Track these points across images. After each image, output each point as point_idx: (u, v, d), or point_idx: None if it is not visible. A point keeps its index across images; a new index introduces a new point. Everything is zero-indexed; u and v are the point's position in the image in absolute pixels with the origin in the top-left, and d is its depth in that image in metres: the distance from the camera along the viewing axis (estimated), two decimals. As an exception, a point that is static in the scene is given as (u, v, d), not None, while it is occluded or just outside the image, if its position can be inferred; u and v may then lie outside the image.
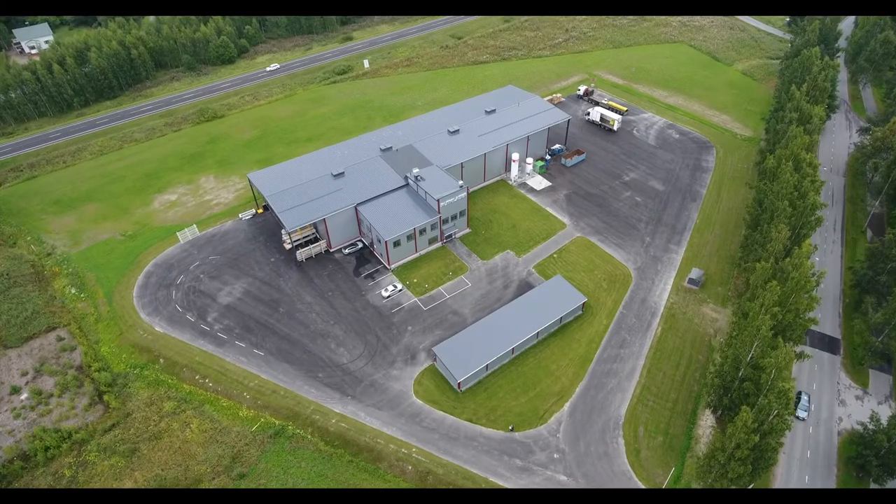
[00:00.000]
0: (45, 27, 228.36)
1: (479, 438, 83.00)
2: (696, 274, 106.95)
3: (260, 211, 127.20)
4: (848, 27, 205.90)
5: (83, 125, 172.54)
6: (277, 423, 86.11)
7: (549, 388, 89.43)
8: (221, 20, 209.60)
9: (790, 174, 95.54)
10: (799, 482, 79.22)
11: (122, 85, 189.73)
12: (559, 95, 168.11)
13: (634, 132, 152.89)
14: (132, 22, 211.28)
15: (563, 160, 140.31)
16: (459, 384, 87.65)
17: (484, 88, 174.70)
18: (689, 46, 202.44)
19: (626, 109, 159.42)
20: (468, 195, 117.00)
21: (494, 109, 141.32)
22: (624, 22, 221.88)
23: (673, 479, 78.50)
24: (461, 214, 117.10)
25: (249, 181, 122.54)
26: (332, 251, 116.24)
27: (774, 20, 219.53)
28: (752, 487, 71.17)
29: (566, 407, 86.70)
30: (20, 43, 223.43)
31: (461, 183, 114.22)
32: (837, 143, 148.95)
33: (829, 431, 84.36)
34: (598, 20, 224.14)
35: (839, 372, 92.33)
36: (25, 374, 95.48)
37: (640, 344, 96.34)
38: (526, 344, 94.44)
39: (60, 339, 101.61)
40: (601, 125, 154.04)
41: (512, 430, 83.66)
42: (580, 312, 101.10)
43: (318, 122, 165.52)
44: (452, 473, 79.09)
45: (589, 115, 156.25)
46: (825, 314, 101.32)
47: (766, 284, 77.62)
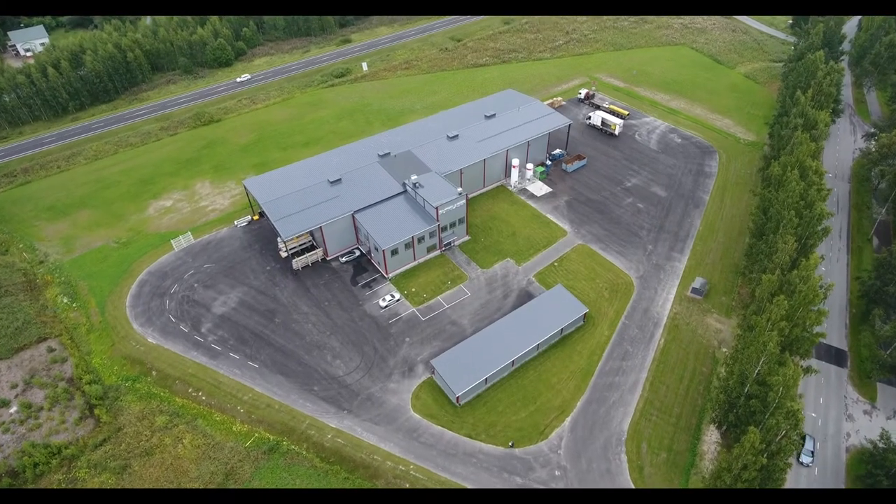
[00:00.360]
0: (40, 29, 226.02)
1: (478, 455, 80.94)
2: (699, 283, 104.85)
3: (256, 217, 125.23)
4: (851, 30, 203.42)
5: (78, 129, 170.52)
6: (272, 438, 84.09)
7: (549, 401, 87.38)
8: (218, 22, 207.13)
9: (796, 182, 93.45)
10: (806, 500, 77.07)
11: (117, 88, 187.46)
12: (560, 99, 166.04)
13: (636, 136, 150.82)
14: (128, 24, 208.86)
15: (563, 165, 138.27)
16: (458, 398, 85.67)
17: (484, 92, 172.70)
18: (690, 49, 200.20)
19: (627, 113, 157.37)
20: (467, 202, 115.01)
21: (494, 114, 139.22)
22: (625, 24, 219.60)
23: (677, 497, 76.36)
24: (460, 222, 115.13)
25: (245, 188, 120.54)
26: (328, 259, 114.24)
27: (777, 22, 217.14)
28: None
29: (567, 422, 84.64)
30: (15, 45, 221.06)
31: (460, 190, 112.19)
32: (842, 147, 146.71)
33: (836, 448, 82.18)
34: (598, 22, 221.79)
35: (846, 385, 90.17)
36: (15, 386, 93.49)
37: (642, 356, 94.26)
38: (526, 356, 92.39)
39: (51, 350, 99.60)
40: (602, 129, 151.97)
41: (512, 446, 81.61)
42: (581, 323, 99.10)
43: (315, 126, 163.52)
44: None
45: (590, 119, 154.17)
46: (831, 325, 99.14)
47: (772, 298, 75.52)
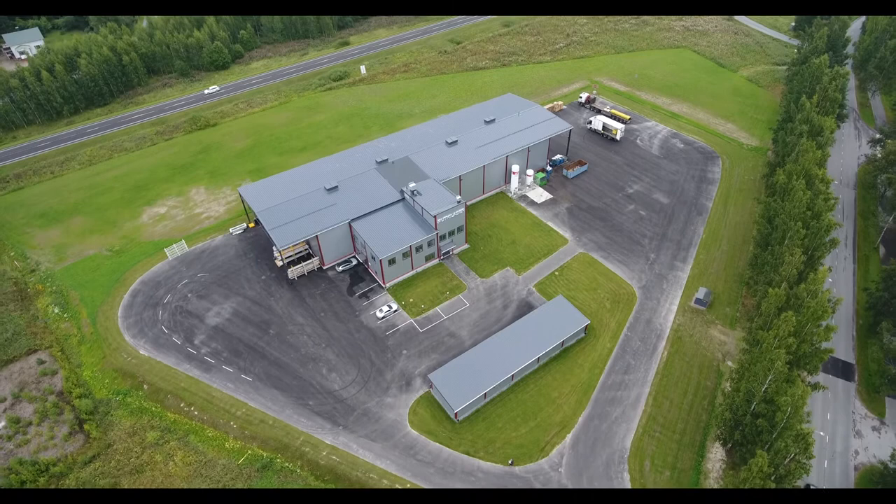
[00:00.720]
0: (35, 32, 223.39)
1: (476, 473, 78.76)
2: (702, 293, 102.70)
3: (251, 225, 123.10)
4: (855, 32, 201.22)
5: (72, 134, 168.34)
6: (265, 455, 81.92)
7: (550, 417, 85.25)
8: (215, 25, 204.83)
9: (802, 192, 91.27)
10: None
11: (113, 92, 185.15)
12: (560, 103, 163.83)
13: (638, 141, 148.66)
14: (124, 27, 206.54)
15: (564, 171, 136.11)
16: (456, 414, 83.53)
17: (483, 95, 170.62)
18: (692, 52, 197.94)
19: (629, 118, 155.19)
20: (466, 209, 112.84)
21: (494, 119, 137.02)
22: (626, 26, 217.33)
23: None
24: (459, 230, 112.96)
25: (240, 196, 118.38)
26: (325, 268, 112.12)
27: (779, 25, 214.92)
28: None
29: (568, 438, 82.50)
30: (10, 48, 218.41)
31: (459, 198, 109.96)
32: (847, 153, 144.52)
33: (845, 465, 79.95)
34: (599, 25, 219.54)
35: (854, 400, 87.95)
36: (3, 400, 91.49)
37: (645, 369, 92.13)
38: (526, 370, 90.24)
39: (41, 362, 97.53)
40: (603, 134, 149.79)
41: (511, 464, 79.48)
42: (583, 335, 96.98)
43: (313, 130, 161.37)
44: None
45: (591, 123, 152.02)
46: (838, 337, 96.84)
47: (780, 313, 73.36)
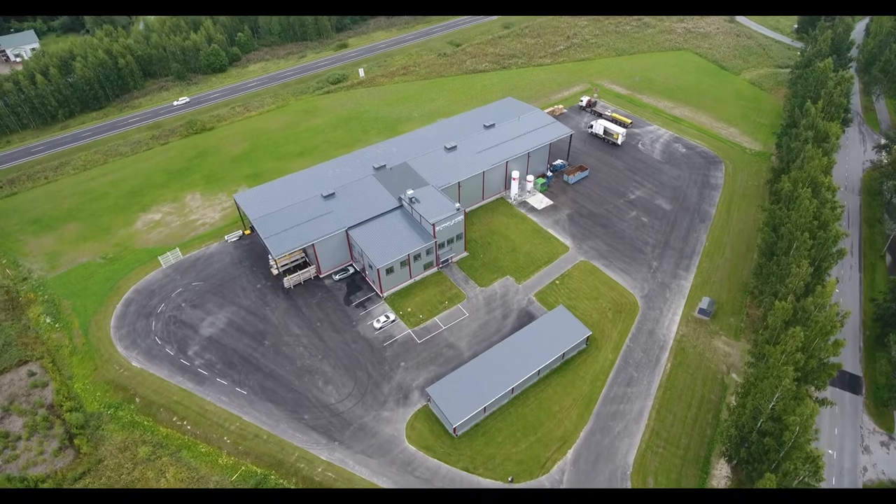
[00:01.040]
0: (30, 34, 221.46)
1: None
2: (706, 303, 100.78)
3: (247, 232, 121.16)
4: (859, 35, 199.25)
5: (67, 138, 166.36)
6: (259, 471, 79.97)
7: (551, 432, 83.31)
8: (213, 27, 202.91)
9: (808, 201, 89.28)
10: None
11: (108, 95, 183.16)
12: (561, 107, 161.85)
13: (639, 146, 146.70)
14: (120, 30, 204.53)
15: (565, 177, 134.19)
16: (455, 429, 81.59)
17: (483, 98, 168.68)
18: (694, 54, 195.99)
19: (630, 122, 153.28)
20: (465, 217, 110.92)
21: (493, 124, 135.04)
22: (627, 28, 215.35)
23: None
24: (458, 238, 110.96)
25: (236, 203, 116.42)
26: (321, 277, 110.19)
27: (782, 27, 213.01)
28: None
29: (570, 454, 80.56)
30: (5, 51, 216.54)
31: (458, 205, 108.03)
32: (851, 158, 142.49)
33: (853, 483, 78.01)
34: (600, 27, 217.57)
35: (861, 414, 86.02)
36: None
37: (648, 382, 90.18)
38: (526, 383, 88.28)
39: (32, 374, 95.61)
40: (605, 139, 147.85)
41: (511, 480, 77.55)
42: (584, 346, 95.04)
43: (310, 134, 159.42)
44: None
45: (592, 127, 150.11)
46: (845, 349, 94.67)
47: (786, 328, 71.40)
